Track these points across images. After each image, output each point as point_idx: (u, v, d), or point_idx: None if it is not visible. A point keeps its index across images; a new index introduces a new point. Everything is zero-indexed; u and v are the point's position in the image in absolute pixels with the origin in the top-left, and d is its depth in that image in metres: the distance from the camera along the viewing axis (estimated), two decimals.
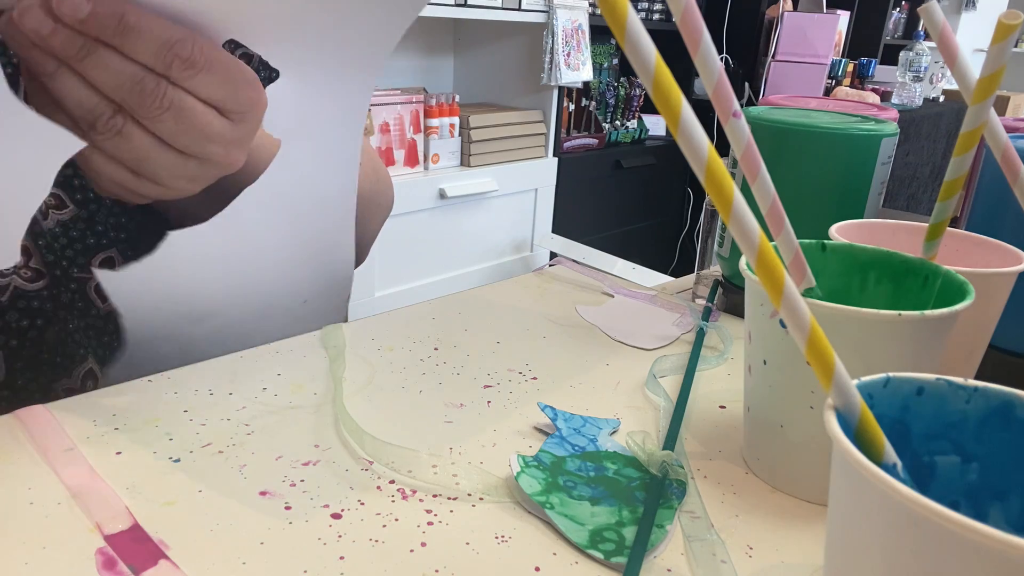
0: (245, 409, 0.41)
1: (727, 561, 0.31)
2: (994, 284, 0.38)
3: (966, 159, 0.35)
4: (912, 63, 2.87)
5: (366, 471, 0.36)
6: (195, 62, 0.35)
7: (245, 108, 0.38)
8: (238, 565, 0.29)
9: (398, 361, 0.47)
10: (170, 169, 0.38)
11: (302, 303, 0.54)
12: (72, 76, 0.34)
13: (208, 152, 0.38)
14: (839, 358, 0.23)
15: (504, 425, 0.41)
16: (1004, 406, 0.24)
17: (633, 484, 0.35)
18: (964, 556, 0.18)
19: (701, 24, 0.25)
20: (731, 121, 0.29)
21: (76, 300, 0.48)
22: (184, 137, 0.37)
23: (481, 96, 2.34)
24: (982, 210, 0.48)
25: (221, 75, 0.36)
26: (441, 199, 1.96)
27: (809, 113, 0.56)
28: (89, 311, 0.49)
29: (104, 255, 0.48)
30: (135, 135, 0.36)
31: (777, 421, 0.35)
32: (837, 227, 0.44)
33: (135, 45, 0.33)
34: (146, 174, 0.38)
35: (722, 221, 0.54)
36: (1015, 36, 0.31)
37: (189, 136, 0.37)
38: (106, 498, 0.32)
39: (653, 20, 2.70)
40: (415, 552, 0.31)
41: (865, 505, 0.20)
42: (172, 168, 0.38)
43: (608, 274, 0.65)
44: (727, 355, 0.51)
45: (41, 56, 0.33)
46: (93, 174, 0.38)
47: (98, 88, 0.34)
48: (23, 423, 0.38)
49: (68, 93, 0.34)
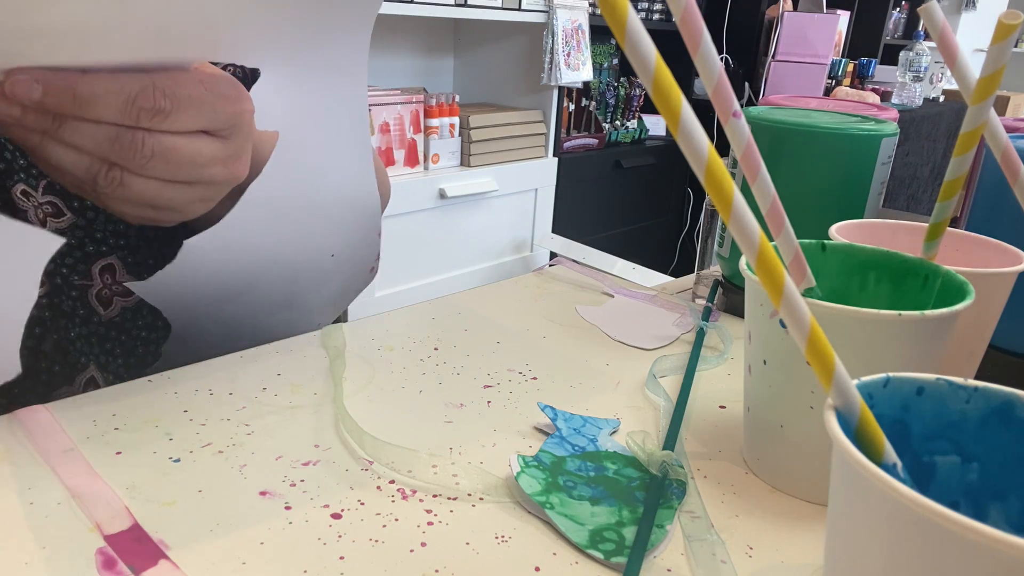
0: (245, 409, 0.41)
1: (727, 561, 0.31)
2: (994, 284, 0.38)
3: (966, 159, 0.35)
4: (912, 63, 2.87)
5: (366, 471, 0.36)
6: (162, 107, 0.35)
7: (230, 123, 0.39)
8: (238, 565, 0.29)
9: (398, 361, 0.47)
10: (181, 199, 0.39)
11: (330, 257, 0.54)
12: (56, 144, 0.35)
13: (210, 175, 0.39)
14: (839, 358, 0.23)
15: (504, 425, 0.41)
16: (1004, 406, 0.24)
17: (633, 484, 0.35)
18: (964, 556, 0.18)
19: (701, 24, 0.25)
20: (731, 121, 0.29)
21: (77, 308, 0.48)
22: (180, 172, 0.38)
23: (481, 96, 2.34)
24: (982, 210, 0.48)
25: (194, 105, 0.36)
26: (441, 199, 1.96)
27: (809, 113, 0.56)
28: (91, 319, 0.49)
29: (104, 262, 0.48)
30: (135, 183, 0.37)
31: (777, 421, 0.35)
32: (837, 227, 0.44)
33: (97, 110, 0.34)
34: (162, 206, 0.39)
35: (722, 221, 0.54)
36: (1015, 36, 0.31)
37: (185, 170, 0.38)
38: (106, 498, 0.32)
39: (653, 20, 2.70)
40: (415, 552, 0.31)
41: (865, 505, 0.20)
42: (182, 197, 0.39)
43: (608, 274, 0.65)
44: (727, 355, 0.51)
45: (23, 132, 0.35)
46: (117, 214, 0.40)
47: (83, 150, 0.35)
48: (23, 423, 0.38)
49: (59, 160, 0.35)
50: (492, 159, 2.10)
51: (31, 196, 0.44)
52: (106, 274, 0.47)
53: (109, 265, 0.48)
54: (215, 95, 0.37)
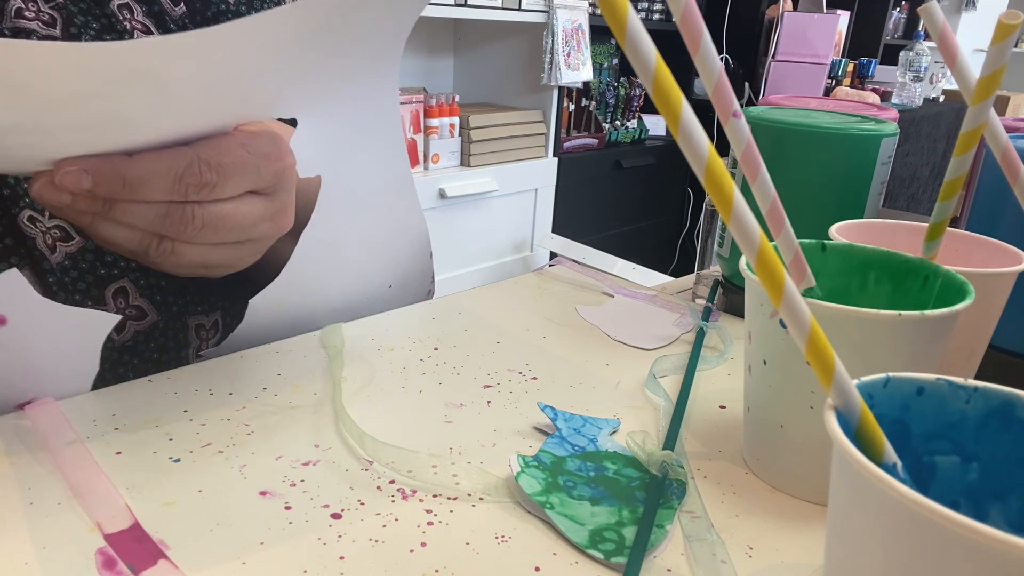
0: (245, 409, 0.41)
1: (727, 561, 0.31)
2: (994, 284, 0.38)
3: (966, 159, 0.35)
4: (912, 63, 2.87)
5: (366, 471, 0.36)
6: (208, 180, 0.36)
7: (275, 181, 0.39)
8: (238, 565, 0.29)
9: (398, 361, 0.47)
10: (231, 257, 0.41)
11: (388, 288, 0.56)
12: (108, 223, 0.36)
13: (258, 233, 0.40)
14: (839, 358, 0.23)
15: (504, 425, 0.41)
16: (1004, 406, 0.24)
17: (633, 484, 0.35)
18: (964, 556, 0.18)
19: (701, 24, 0.25)
20: (731, 121, 0.29)
21: None
22: (230, 235, 0.39)
23: (481, 96, 2.34)
24: (982, 210, 0.48)
25: (239, 171, 0.37)
26: (441, 199, 1.96)
27: (809, 113, 0.56)
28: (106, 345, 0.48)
29: (117, 285, 0.47)
30: (187, 251, 0.38)
31: (777, 421, 0.35)
32: (837, 227, 0.44)
33: (147, 192, 0.35)
34: (213, 265, 0.41)
35: (722, 221, 0.54)
36: (1015, 36, 0.31)
37: (234, 233, 0.39)
38: (106, 498, 0.32)
39: (653, 20, 2.70)
40: (415, 552, 0.31)
41: (865, 505, 0.20)
42: (232, 256, 0.41)
43: (608, 274, 0.65)
44: (727, 355, 0.51)
45: (74, 214, 0.35)
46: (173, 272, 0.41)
47: (135, 228, 0.36)
48: (28, 416, 0.38)
49: (111, 236, 0.36)
50: (492, 159, 2.10)
51: (38, 222, 0.43)
52: (119, 298, 0.47)
53: (122, 288, 0.47)
54: (258, 156, 0.38)
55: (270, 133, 0.40)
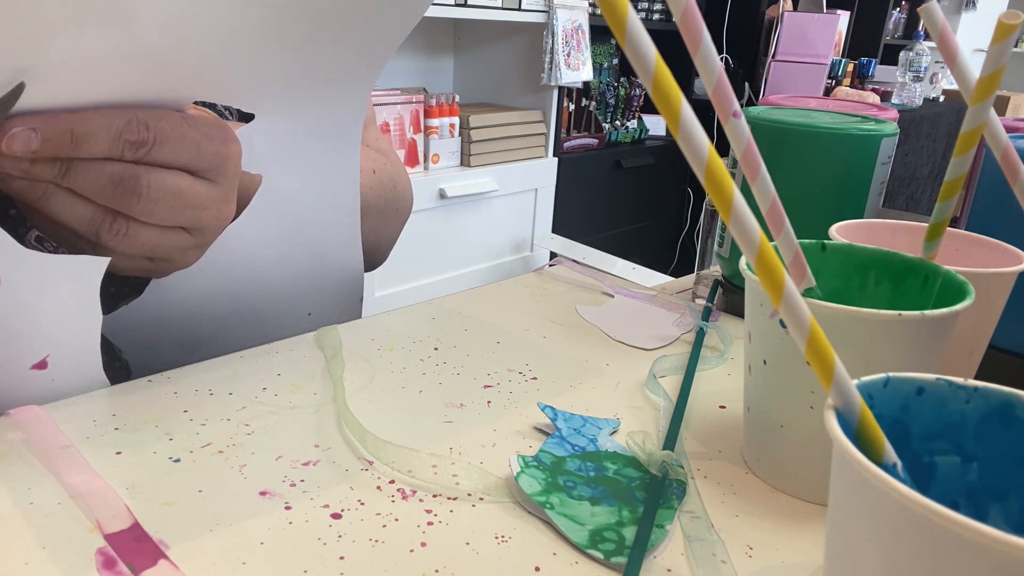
0: (245, 409, 0.41)
1: (727, 561, 0.31)
2: (994, 284, 0.38)
3: (966, 159, 0.35)
4: (912, 63, 2.87)
5: (366, 471, 0.36)
6: (144, 139, 0.36)
7: (215, 163, 0.39)
8: (238, 565, 0.29)
9: (398, 361, 0.47)
10: (178, 247, 0.40)
11: (306, 316, 0.55)
12: (62, 193, 0.36)
13: (203, 219, 0.40)
14: (839, 358, 0.23)
15: (504, 425, 0.41)
16: (1004, 406, 0.24)
17: (633, 484, 0.35)
18: (964, 556, 0.18)
19: (701, 24, 0.25)
20: (731, 121, 0.29)
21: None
22: (182, 215, 0.39)
23: (481, 96, 2.34)
24: (982, 210, 0.48)
25: (177, 140, 0.37)
26: (441, 199, 1.96)
27: (809, 113, 0.56)
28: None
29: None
30: (140, 233, 0.38)
31: (777, 421, 0.35)
32: (837, 227, 0.44)
33: (91, 147, 0.35)
34: (159, 257, 0.40)
35: (722, 221, 0.54)
36: (1015, 36, 0.31)
37: (186, 213, 0.39)
38: (106, 498, 0.32)
39: (653, 20, 2.70)
40: (415, 552, 0.31)
41: (865, 505, 0.20)
42: (179, 245, 0.40)
43: (608, 274, 0.65)
44: (727, 355, 0.51)
45: (28, 185, 0.35)
46: (116, 270, 0.41)
47: (89, 198, 0.36)
48: (19, 423, 0.38)
49: (65, 210, 0.36)
50: (492, 159, 2.10)
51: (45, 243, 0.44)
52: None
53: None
54: (200, 133, 0.38)
55: (216, 118, 0.40)
